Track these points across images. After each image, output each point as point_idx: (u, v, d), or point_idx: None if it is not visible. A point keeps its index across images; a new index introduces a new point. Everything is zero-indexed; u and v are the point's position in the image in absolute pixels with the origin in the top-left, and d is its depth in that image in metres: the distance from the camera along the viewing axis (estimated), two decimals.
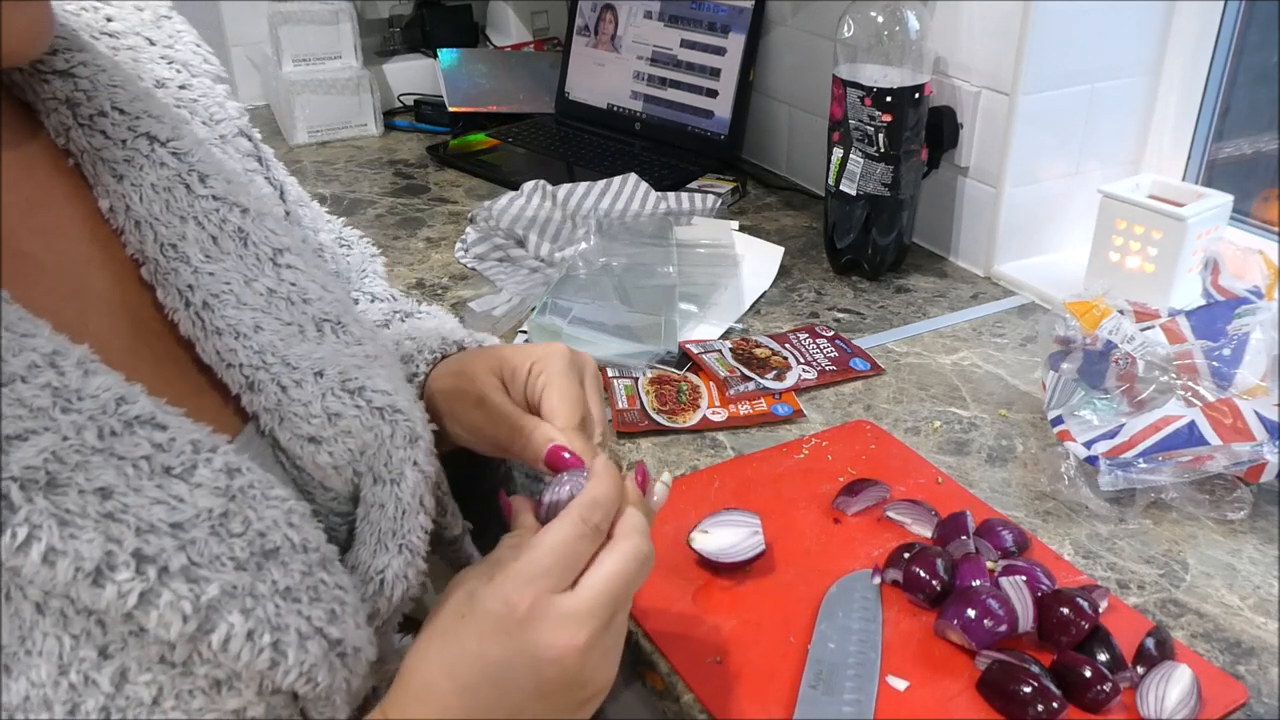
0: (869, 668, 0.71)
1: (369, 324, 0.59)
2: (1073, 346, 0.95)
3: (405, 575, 0.53)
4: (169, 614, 0.40)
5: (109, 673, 0.40)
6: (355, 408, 0.52)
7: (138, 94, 0.52)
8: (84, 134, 0.50)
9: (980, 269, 1.32)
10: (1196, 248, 1.12)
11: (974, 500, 0.89)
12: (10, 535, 0.37)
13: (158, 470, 0.42)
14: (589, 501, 0.51)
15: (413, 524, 0.53)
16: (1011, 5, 1.18)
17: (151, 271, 0.50)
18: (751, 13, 1.57)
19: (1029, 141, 1.24)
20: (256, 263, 0.53)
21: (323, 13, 1.80)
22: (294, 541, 0.46)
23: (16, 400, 0.39)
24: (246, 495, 0.45)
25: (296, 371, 0.51)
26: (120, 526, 0.40)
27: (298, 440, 0.51)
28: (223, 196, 0.53)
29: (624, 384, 1.05)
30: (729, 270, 1.28)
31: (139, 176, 0.50)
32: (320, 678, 0.45)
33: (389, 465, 0.53)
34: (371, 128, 1.84)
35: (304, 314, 0.53)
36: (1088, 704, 0.68)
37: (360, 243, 0.81)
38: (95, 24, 0.55)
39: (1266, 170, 1.29)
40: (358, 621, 0.49)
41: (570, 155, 1.70)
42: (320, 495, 0.53)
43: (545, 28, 2.12)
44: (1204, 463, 0.85)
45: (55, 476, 0.39)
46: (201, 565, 0.42)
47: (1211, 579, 0.80)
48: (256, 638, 0.43)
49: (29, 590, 0.39)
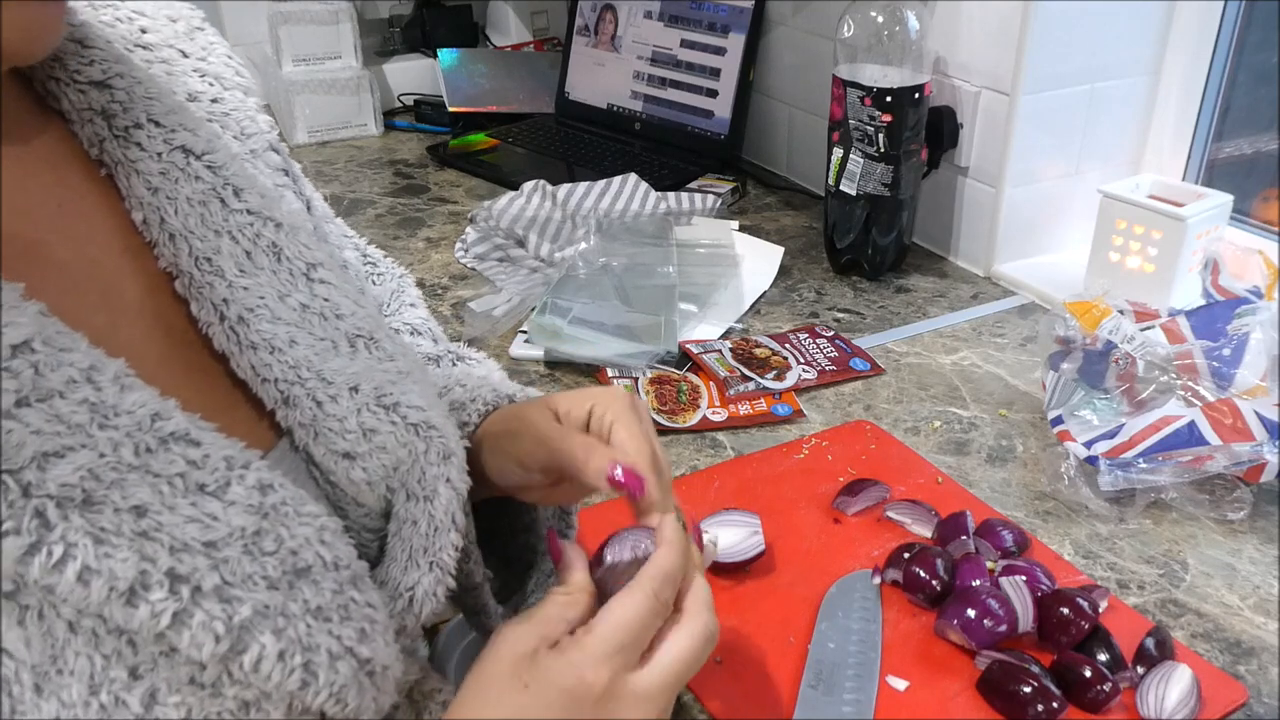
0: (869, 668, 0.71)
1: (401, 341, 0.59)
2: (1073, 346, 0.95)
3: (435, 593, 0.52)
4: (201, 634, 0.40)
5: (139, 694, 0.40)
6: (390, 423, 0.52)
7: (173, 107, 0.52)
8: (119, 146, 0.49)
9: (980, 269, 1.32)
10: (1196, 248, 1.12)
11: (974, 500, 0.89)
12: (46, 554, 0.37)
13: (192, 488, 0.42)
14: (661, 575, 0.50)
15: (444, 541, 0.52)
16: (1011, 5, 1.18)
17: (186, 285, 0.50)
18: (751, 13, 1.57)
19: (1029, 141, 1.24)
20: (290, 278, 0.52)
21: (323, 13, 1.80)
22: (325, 560, 0.46)
23: (55, 416, 0.39)
24: (279, 513, 0.44)
25: (332, 387, 0.51)
26: (154, 545, 0.40)
27: (332, 456, 0.50)
28: (257, 211, 0.52)
29: (624, 384, 1.05)
30: (729, 270, 1.28)
31: (174, 190, 0.50)
32: (350, 698, 0.45)
33: (422, 481, 0.52)
34: (371, 128, 1.84)
35: (337, 329, 0.53)
36: (1088, 704, 0.68)
37: (387, 264, 0.79)
38: (130, 35, 0.54)
39: (1266, 170, 1.29)
40: (386, 640, 0.48)
41: (570, 155, 1.70)
42: (353, 511, 0.52)
43: (545, 28, 2.12)
44: (1204, 463, 0.85)
45: (91, 494, 0.39)
46: (234, 585, 0.41)
47: (1211, 579, 0.80)
48: (288, 658, 0.42)
49: (62, 609, 0.39)
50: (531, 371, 1.10)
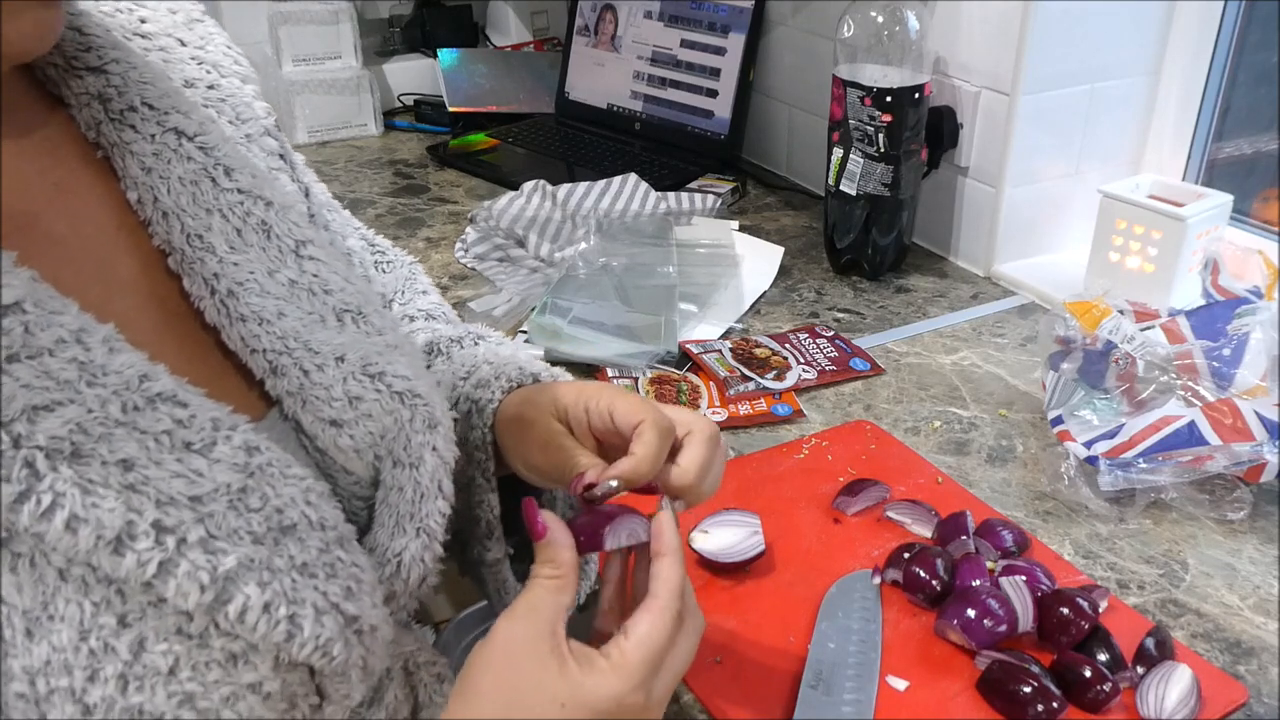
0: (869, 668, 0.71)
1: (390, 316, 0.60)
2: (1073, 346, 0.95)
3: (422, 559, 0.54)
4: (186, 584, 0.41)
5: (127, 641, 0.41)
6: (375, 392, 0.53)
7: (167, 91, 0.54)
8: (114, 128, 0.51)
9: (980, 269, 1.32)
10: (1196, 248, 1.12)
11: (974, 500, 0.89)
12: (35, 502, 0.39)
13: (178, 445, 0.44)
14: (679, 593, 0.52)
15: (430, 508, 0.54)
16: (1011, 5, 1.18)
17: (178, 261, 0.51)
18: (751, 13, 1.57)
19: (1029, 141, 1.24)
20: (279, 254, 0.54)
21: (323, 13, 1.80)
22: (311, 519, 0.47)
23: (44, 372, 0.40)
24: (265, 472, 0.46)
25: (318, 356, 0.52)
26: (140, 498, 0.41)
27: (320, 423, 0.52)
28: (247, 190, 0.54)
29: (624, 384, 1.05)
30: (729, 270, 1.28)
31: (166, 169, 0.52)
32: (336, 651, 0.46)
33: (408, 449, 0.54)
34: (371, 128, 1.84)
35: (325, 304, 0.55)
36: (1088, 704, 0.68)
37: (396, 252, 0.81)
38: (129, 25, 0.56)
39: (1266, 170, 1.29)
40: (374, 600, 0.49)
41: (570, 155, 1.70)
42: (342, 479, 0.54)
43: (545, 28, 2.12)
44: (1204, 463, 0.85)
45: (79, 447, 0.40)
46: (219, 538, 0.43)
47: (1211, 579, 0.80)
48: (273, 610, 0.43)
49: (52, 557, 0.40)
50: None
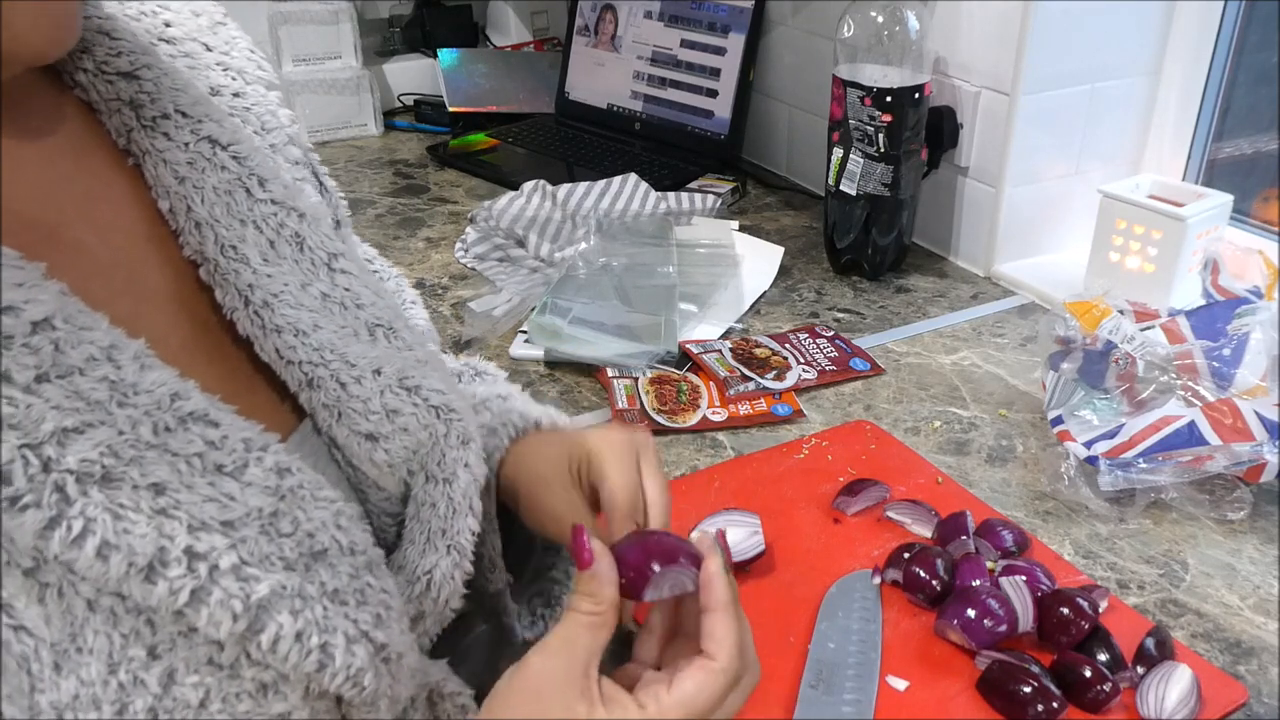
0: (869, 668, 0.71)
1: (418, 332, 0.60)
2: (1073, 346, 0.95)
3: (453, 576, 0.53)
4: (219, 612, 0.40)
5: (157, 673, 0.40)
6: (413, 405, 0.53)
7: (198, 98, 0.53)
8: (146, 135, 0.50)
9: (980, 269, 1.32)
10: (1196, 248, 1.12)
11: (974, 500, 0.89)
12: (66, 528, 0.37)
13: (210, 467, 0.42)
14: (741, 651, 0.51)
15: (462, 525, 0.53)
16: (1011, 5, 1.18)
17: (210, 272, 0.50)
18: (751, 13, 1.57)
19: (1029, 141, 1.24)
20: (312, 267, 0.53)
21: (323, 13, 1.80)
22: (341, 544, 0.46)
23: (74, 393, 0.39)
24: (296, 495, 0.45)
25: (355, 369, 0.52)
26: (173, 523, 0.40)
27: (355, 437, 0.51)
28: (280, 201, 0.53)
29: (624, 384, 1.05)
30: (729, 270, 1.28)
31: (200, 179, 0.51)
32: (367, 682, 0.45)
33: (442, 464, 0.53)
34: (371, 128, 1.84)
35: (357, 318, 0.54)
36: (1088, 704, 0.68)
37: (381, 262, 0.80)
38: (154, 29, 0.55)
39: (1266, 170, 1.29)
40: (402, 627, 0.48)
41: (570, 155, 1.70)
42: (373, 495, 0.53)
43: (545, 28, 2.12)
44: (1204, 463, 0.85)
45: (110, 470, 0.39)
46: (252, 564, 0.42)
47: (1211, 579, 0.80)
48: (305, 639, 0.42)
49: (81, 587, 0.39)
50: (531, 371, 1.10)
